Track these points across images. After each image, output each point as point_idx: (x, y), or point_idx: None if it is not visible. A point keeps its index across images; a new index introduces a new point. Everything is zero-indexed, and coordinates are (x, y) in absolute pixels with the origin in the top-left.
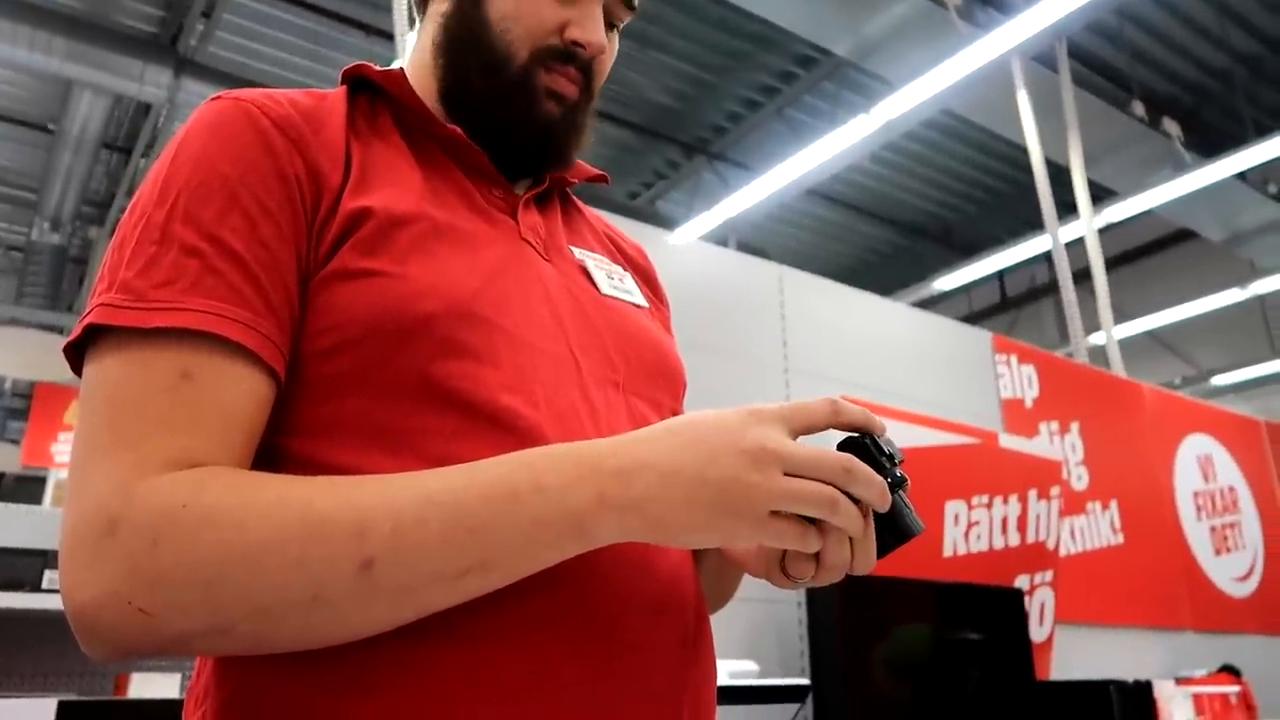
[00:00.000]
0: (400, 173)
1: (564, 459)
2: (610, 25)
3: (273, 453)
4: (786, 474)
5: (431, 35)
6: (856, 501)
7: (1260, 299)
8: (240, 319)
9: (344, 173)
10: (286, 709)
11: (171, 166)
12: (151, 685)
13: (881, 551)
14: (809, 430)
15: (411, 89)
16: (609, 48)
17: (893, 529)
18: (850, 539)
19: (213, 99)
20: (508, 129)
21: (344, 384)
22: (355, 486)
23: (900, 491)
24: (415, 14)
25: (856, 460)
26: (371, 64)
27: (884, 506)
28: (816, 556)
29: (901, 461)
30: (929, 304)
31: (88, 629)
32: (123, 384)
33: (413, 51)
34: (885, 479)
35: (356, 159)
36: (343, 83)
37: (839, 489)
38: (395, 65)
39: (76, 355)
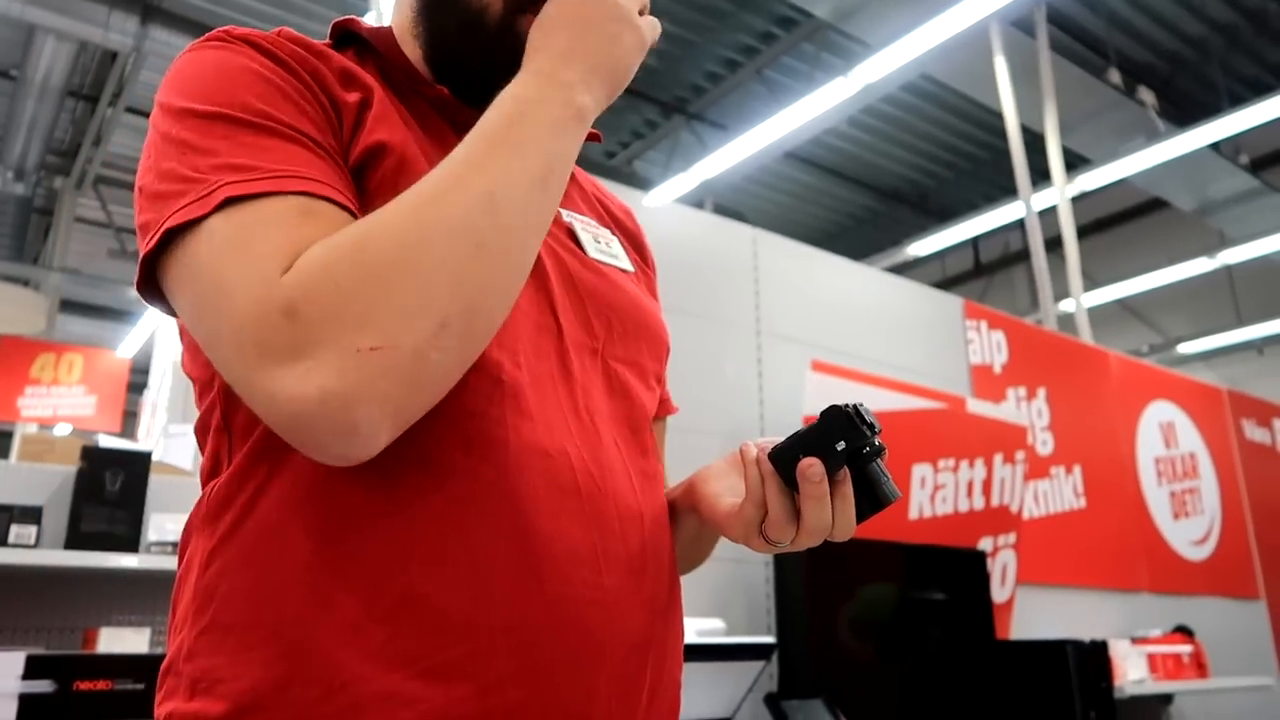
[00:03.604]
0: (396, 124)
1: (525, 90)
2: None
3: None
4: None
5: None
6: (840, 464)
7: (1228, 268)
8: (345, 193)
9: (359, 105)
10: (255, 610)
11: (217, 82)
12: (121, 640)
13: (860, 517)
14: None
15: (399, 48)
16: None
17: (870, 496)
18: (832, 504)
19: (208, 36)
20: (494, 82)
21: None
22: (420, 183)
23: (878, 460)
24: None
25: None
26: (359, 19)
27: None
28: (797, 521)
29: (879, 431)
30: (904, 269)
31: (330, 400)
32: (243, 228)
33: (393, 14)
34: (864, 447)
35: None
36: (331, 36)
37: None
38: (369, 17)
39: (149, 273)
